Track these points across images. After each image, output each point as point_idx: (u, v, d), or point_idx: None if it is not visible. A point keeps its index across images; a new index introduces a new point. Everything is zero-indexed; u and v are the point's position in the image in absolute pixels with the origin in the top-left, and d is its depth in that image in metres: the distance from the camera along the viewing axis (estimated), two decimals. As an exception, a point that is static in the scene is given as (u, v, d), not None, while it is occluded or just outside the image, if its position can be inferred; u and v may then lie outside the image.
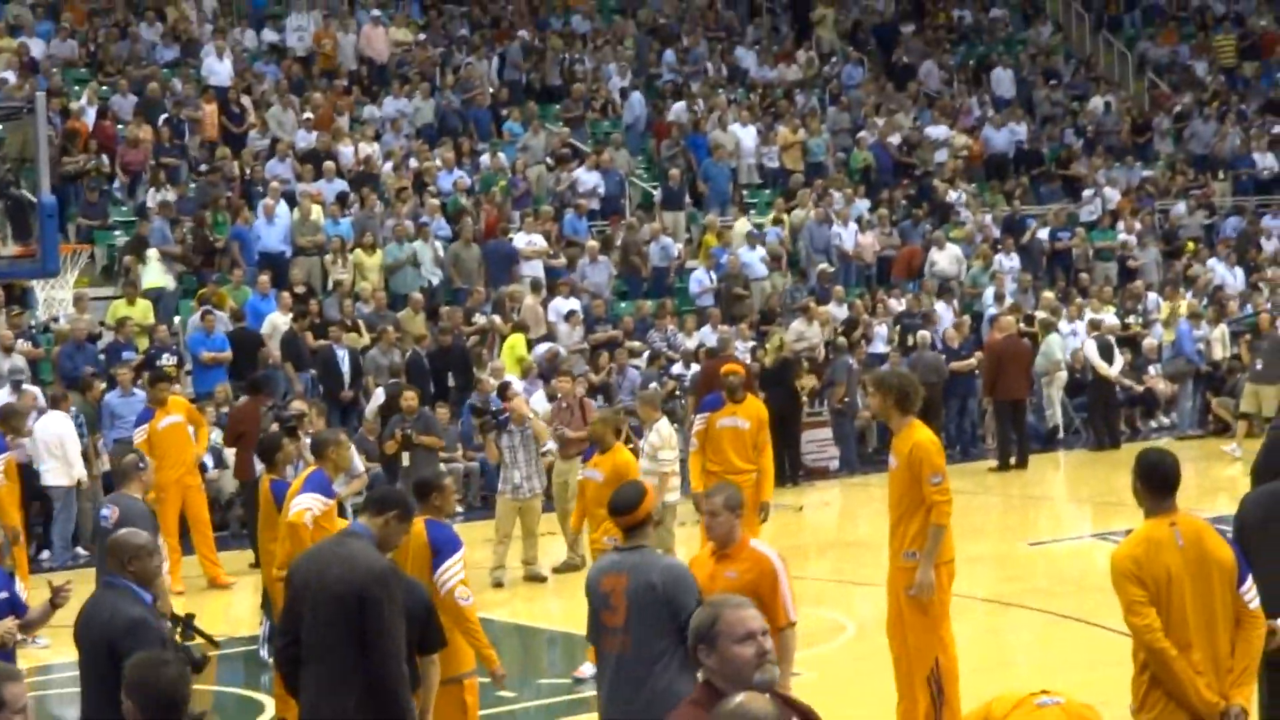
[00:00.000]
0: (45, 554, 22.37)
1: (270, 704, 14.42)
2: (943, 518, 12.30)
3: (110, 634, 8.90)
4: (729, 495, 9.76)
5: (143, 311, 26.49)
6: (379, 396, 23.88)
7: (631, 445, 19.23)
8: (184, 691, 6.43)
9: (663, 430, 18.17)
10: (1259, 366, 27.88)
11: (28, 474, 21.01)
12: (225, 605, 19.59)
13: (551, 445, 20.03)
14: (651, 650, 8.52)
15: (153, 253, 27.65)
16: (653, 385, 24.66)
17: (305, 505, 12.88)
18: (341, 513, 17.65)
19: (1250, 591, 9.14)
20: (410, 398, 21.31)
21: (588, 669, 14.99)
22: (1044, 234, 35.67)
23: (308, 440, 17.46)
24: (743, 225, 32.82)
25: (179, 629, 11.83)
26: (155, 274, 27.56)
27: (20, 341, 24.78)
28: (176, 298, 27.68)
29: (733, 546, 9.61)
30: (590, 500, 15.65)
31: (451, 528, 10.66)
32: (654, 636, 8.51)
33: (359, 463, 18.34)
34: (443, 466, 22.46)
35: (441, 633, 9.70)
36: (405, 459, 20.67)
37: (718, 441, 17.48)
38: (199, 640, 11.86)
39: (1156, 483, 9.23)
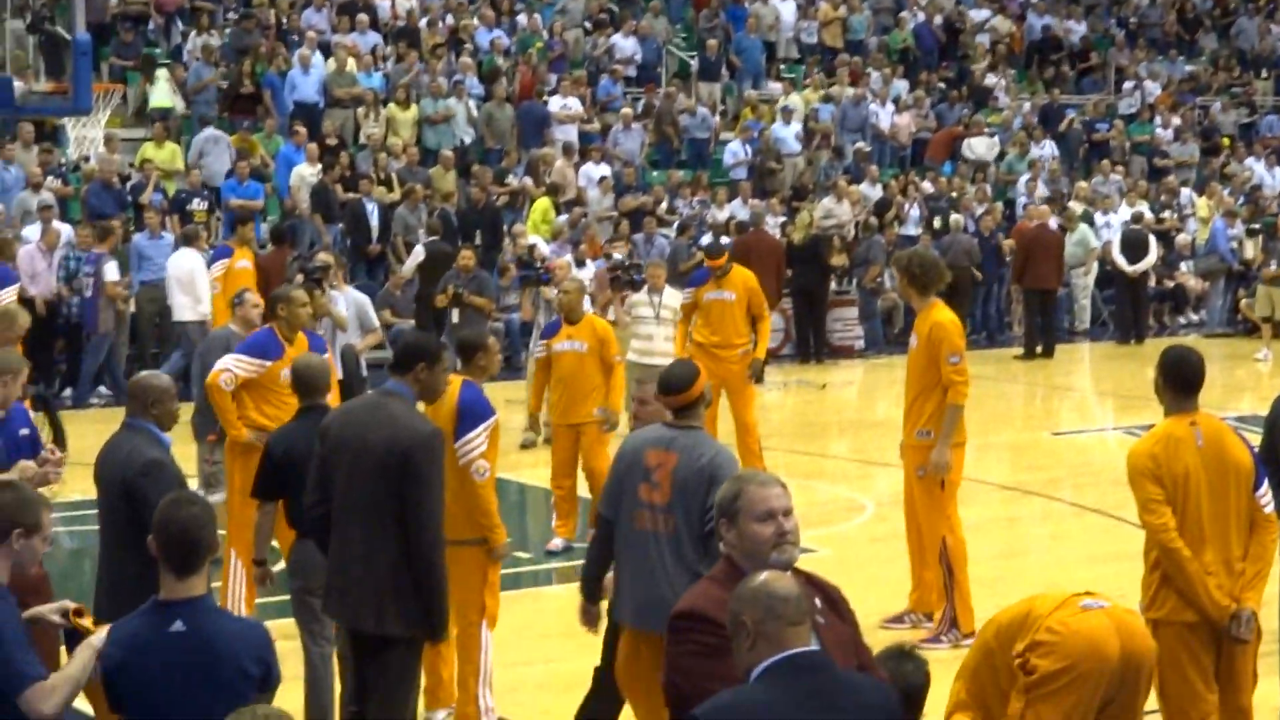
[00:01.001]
0: (68, 391, 22.55)
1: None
2: (959, 398, 12.36)
3: (126, 474, 8.94)
4: None
5: (170, 154, 26.47)
6: (419, 254, 23.81)
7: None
8: (203, 534, 6.45)
9: (679, 294, 18.22)
10: (1273, 267, 27.74)
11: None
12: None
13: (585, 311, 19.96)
14: (692, 534, 8.37)
15: (162, 73, 27.71)
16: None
17: (224, 366, 12.38)
18: (357, 365, 17.76)
19: (1266, 495, 9.12)
20: (467, 256, 21.19)
21: (559, 542, 15.05)
22: (1081, 125, 35.51)
23: (333, 292, 17.48)
24: (794, 100, 32.69)
25: None
26: (163, 94, 27.62)
27: (50, 179, 24.82)
28: (210, 142, 27.55)
29: None
30: (571, 373, 15.08)
31: (484, 394, 10.56)
32: (696, 520, 8.36)
33: (374, 317, 18.30)
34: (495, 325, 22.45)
35: None
36: (454, 316, 20.62)
37: (708, 314, 17.40)
38: None
39: (1179, 381, 9.19)
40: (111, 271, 22.07)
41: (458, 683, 10.63)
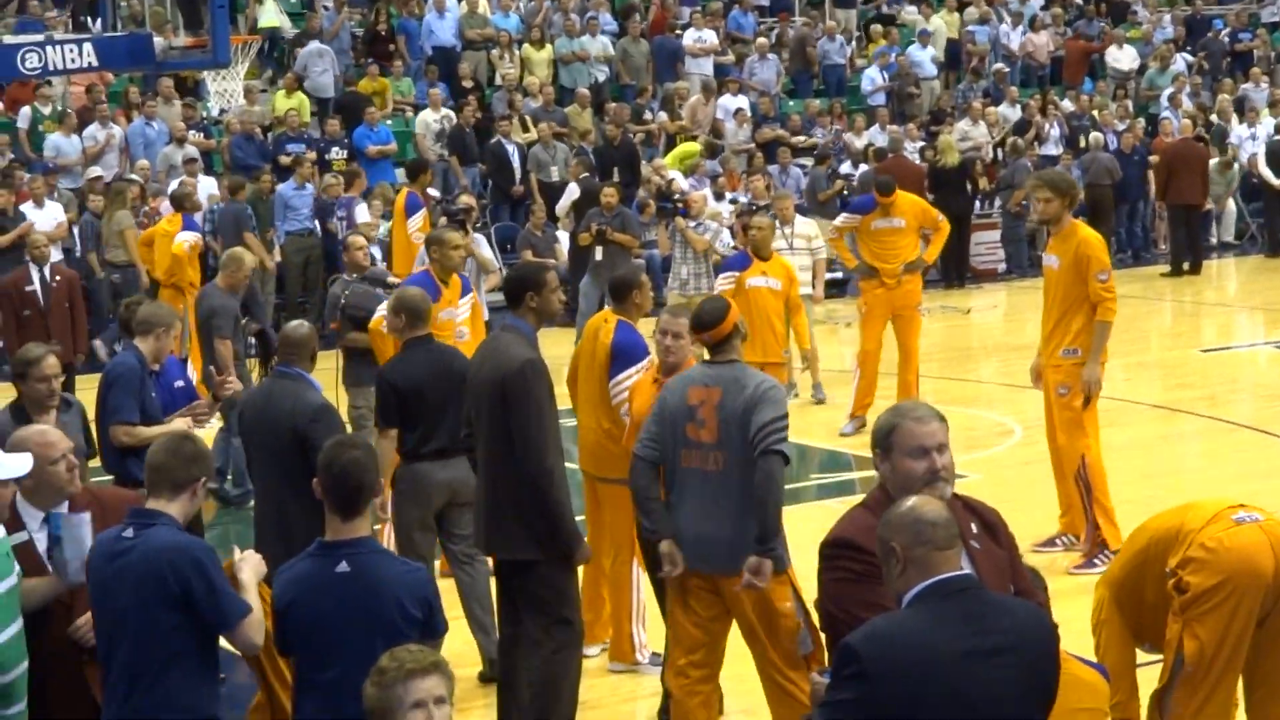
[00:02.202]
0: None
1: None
2: (1110, 315, 12.37)
3: (298, 422, 9.21)
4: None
5: (299, 103, 26.74)
6: (573, 192, 23.92)
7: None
8: (366, 477, 6.62)
9: (810, 222, 18.25)
10: None
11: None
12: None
13: (722, 245, 20.01)
14: (744, 467, 8.37)
15: None
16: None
17: (384, 312, 12.21)
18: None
19: None
20: (610, 194, 21.34)
21: None
22: (1225, 35, 35.00)
23: (476, 234, 17.59)
24: (934, 23, 32.48)
25: None
26: (270, 14, 27.97)
27: (192, 133, 25.18)
28: (315, 56, 27.72)
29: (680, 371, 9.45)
30: (763, 310, 14.95)
31: (639, 333, 10.63)
32: (747, 452, 8.36)
33: (494, 259, 18.42)
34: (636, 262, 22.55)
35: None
36: (599, 253, 20.75)
37: (877, 241, 17.27)
38: None
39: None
40: (363, 214, 22.31)
41: (612, 619, 10.77)
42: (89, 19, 22.17)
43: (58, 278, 17.46)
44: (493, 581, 9.72)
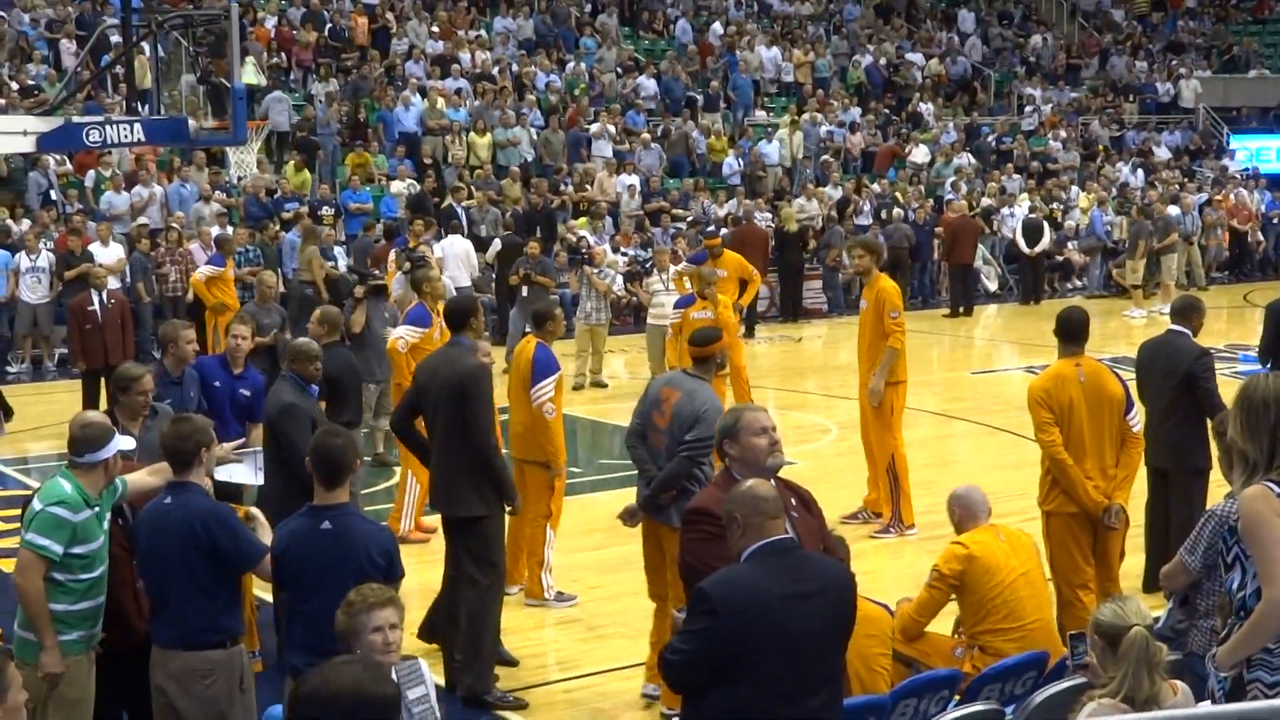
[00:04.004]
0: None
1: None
2: (897, 343, 12.53)
3: (272, 414, 9.21)
4: None
5: (304, 177, 26.54)
6: (496, 245, 23.88)
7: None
8: (345, 459, 6.63)
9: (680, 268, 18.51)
10: (1127, 246, 27.92)
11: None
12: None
13: (618, 288, 20.05)
14: (674, 450, 8.51)
15: (250, 59, 27.72)
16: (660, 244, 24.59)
17: (398, 334, 12.73)
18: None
19: (1135, 418, 9.26)
20: (534, 246, 21.42)
21: None
22: (993, 139, 35.38)
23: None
24: (781, 126, 32.67)
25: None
26: (251, 74, 27.71)
27: (217, 193, 25.00)
28: (335, 164, 27.63)
29: None
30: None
31: (552, 352, 10.65)
32: (680, 440, 8.50)
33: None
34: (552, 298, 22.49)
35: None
36: (524, 291, 20.80)
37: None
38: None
39: (1067, 332, 9.33)
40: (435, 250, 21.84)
41: (527, 566, 10.78)
42: (139, 104, 21.99)
43: (112, 301, 17.28)
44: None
